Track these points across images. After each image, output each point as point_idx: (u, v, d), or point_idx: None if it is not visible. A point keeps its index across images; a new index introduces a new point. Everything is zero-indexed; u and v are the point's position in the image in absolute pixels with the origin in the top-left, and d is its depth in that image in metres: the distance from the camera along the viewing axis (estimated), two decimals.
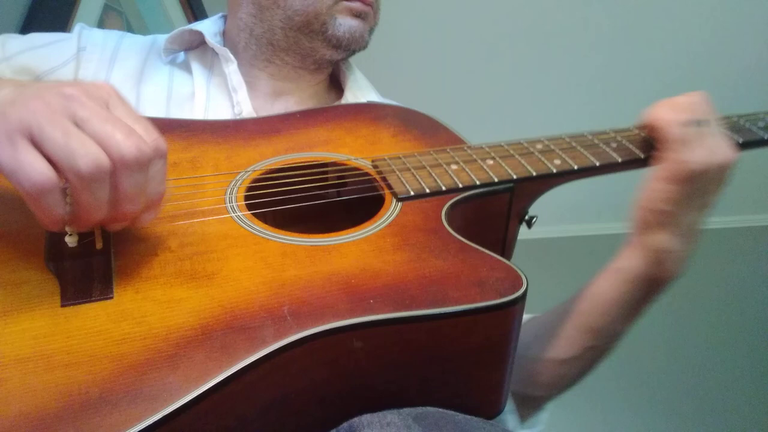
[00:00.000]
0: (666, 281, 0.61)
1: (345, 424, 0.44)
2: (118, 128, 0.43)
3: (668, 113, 0.60)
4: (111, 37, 0.82)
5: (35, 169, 0.41)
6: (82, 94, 0.44)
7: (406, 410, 0.45)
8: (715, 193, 0.59)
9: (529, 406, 0.70)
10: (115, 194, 0.44)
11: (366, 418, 0.44)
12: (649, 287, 0.62)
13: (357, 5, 0.77)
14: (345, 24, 0.77)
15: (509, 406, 0.69)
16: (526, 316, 0.75)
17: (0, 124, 0.42)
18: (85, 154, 0.41)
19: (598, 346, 0.65)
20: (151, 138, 0.45)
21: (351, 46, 0.79)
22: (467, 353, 0.49)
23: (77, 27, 0.82)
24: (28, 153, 0.42)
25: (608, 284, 0.63)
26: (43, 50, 0.77)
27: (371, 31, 0.81)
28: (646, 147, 0.64)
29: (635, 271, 0.61)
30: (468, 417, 0.46)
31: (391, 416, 0.44)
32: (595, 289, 0.64)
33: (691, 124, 0.58)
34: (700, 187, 0.58)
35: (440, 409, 0.46)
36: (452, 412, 0.46)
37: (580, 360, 0.65)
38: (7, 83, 0.48)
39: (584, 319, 0.64)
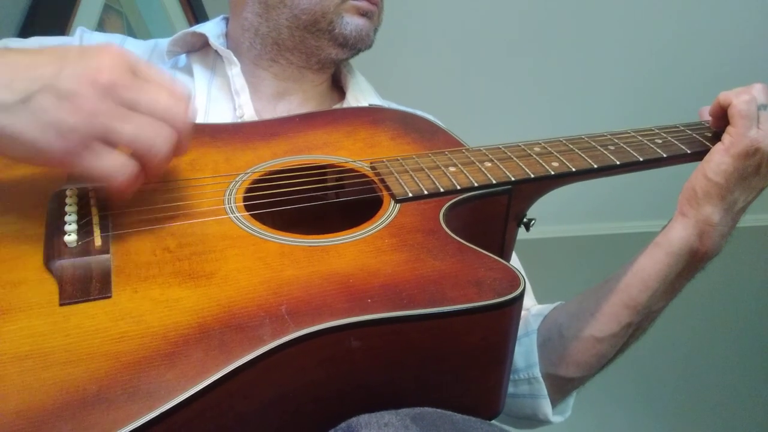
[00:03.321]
0: (705, 257, 0.63)
1: (343, 424, 0.44)
2: (162, 96, 0.48)
3: (737, 94, 0.63)
4: (112, 41, 0.83)
5: (121, 166, 0.47)
6: (112, 73, 0.46)
7: (404, 410, 0.45)
8: (767, 176, 0.63)
9: (562, 390, 0.71)
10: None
11: (364, 418, 0.44)
12: (688, 260, 0.63)
13: (364, 4, 0.78)
14: (352, 22, 0.78)
15: (542, 391, 0.70)
16: (547, 305, 0.76)
17: (67, 138, 0.45)
18: (159, 138, 0.47)
19: (636, 323, 0.66)
20: (177, 86, 0.50)
21: (357, 45, 0.79)
22: (465, 353, 0.49)
23: (78, 30, 0.82)
24: (110, 156, 0.47)
25: (649, 258, 0.64)
26: None
27: (375, 30, 0.82)
28: (643, 150, 0.64)
29: (677, 243, 0.62)
30: (466, 417, 0.46)
31: (389, 416, 0.44)
32: (635, 265, 0.65)
33: (757, 103, 0.62)
34: (755, 166, 0.61)
35: (438, 410, 0.46)
36: (450, 413, 0.46)
37: (618, 338, 0.66)
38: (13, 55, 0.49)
39: (624, 295, 0.65)
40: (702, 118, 0.70)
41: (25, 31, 1.07)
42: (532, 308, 0.78)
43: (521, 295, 0.47)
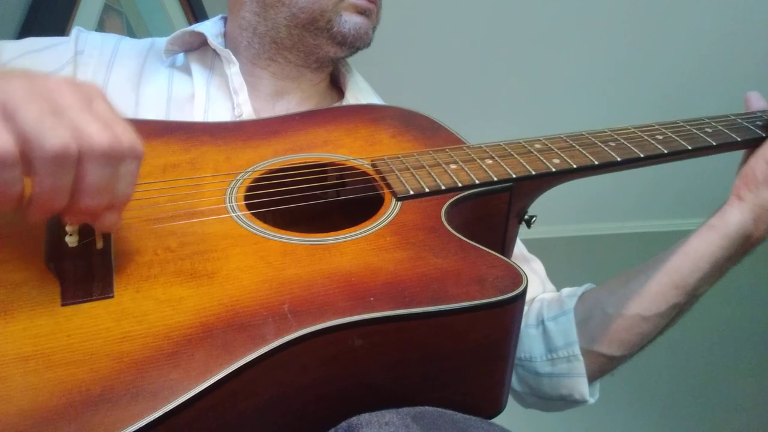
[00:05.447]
0: (757, 241, 0.64)
1: (344, 423, 0.45)
2: (94, 120, 0.42)
3: None
4: (109, 40, 0.82)
5: None
6: (67, 86, 0.44)
7: (405, 409, 0.45)
8: None
9: (601, 368, 0.72)
10: (78, 184, 0.43)
11: (365, 417, 0.44)
12: (741, 244, 0.64)
13: (362, 2, 0.78)
14: (350, 21, 0.77)
15: (581, 370, 0.71)
16: (577, 288, 0.76)
17: None
18: (54, 136, 0.40)
19: (681, 304, 0.67)
20: (128, 137, 0.44)
21: (356, 44, 0.79)
22: (467, 351, 0.49)
23: (74, 30, 0.82)
24: None
25: (702, 240, 0.65)
26: (40, 54, 0.77)
27: (374, 29, 0.82)
28: (644, 146, 0.64)
29: (733, 226, 0.63)
30: (467, 416, 0.46)
31: (389, 415, 0.44)
32: (687, 246, 0.66)
33: None
34: None
35: (439, 409, 0.46)
36: (451, 412, 0.46)
37: (663, 318, 0.67)
38: None
39: (674, 275, 0.66)
40: (748, 104, 0.71)
41: (25, 31, 1.07)
42: (563, 290, 0.78)
43: (524, 293, 0.47)
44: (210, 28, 0.84)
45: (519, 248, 0.83)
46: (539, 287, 0.80)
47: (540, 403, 0.77)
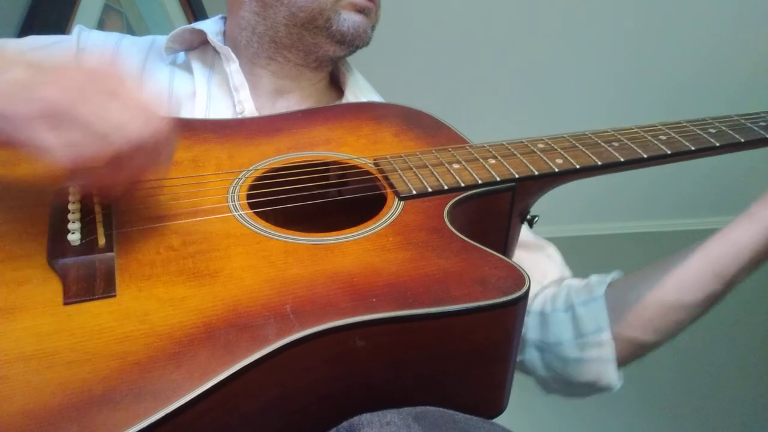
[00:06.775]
0: None
1: (345, 423, 0.45)
2: (129, 114, 0.47)
3: None
4: (110, 38, 0.83)
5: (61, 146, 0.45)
6: (91, 84, 0.47)
7: (406, 410, 0.45)
8: None
9: (634, 354, 0.71)
10: (130, 173, 0.50)
11: (366, 417, 0.44)
12: None
13: (361, 1, 0.78)
14: (349, 19, 0.77)
15: (610, 355, 0.70)
16: (604, 275, 0.75)
17: (33, 103, 0.45)
18: (133, 121, 0.46)
19: (718, 293, 0.66)
20: (156, 119, 0.48)
21: (355, 42, 0.79)
22: (469, 352, 0.49)
23: (76, 28, 0.82)
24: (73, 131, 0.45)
25: (744, 229, 0.65)
26: (43, 51, 0.77)
27: (373, 27, 0.82)
28: (647, 147, 0.64)
29: None
30: (468, 416, 0.46)
31: (390, 415, 0.44)
32: (729, 235, 0.66)
33: None
34: None
35: (440, 409, 0.46)
36: (452, 412, 0.46)
37: (699, 307, 0.67)
38: (16, 63, 0.50)
39: (715, 265, 0.65)
40: None
41: (25, 31, 1.07)
42: (591, 276, 0.77)
43: (526, 294, 0.47)
44: (210, 27, 0.84)
45: (530, 237, 0.82)
46: (557, 272, 0.80)
47: (564, 389, 0.76)
